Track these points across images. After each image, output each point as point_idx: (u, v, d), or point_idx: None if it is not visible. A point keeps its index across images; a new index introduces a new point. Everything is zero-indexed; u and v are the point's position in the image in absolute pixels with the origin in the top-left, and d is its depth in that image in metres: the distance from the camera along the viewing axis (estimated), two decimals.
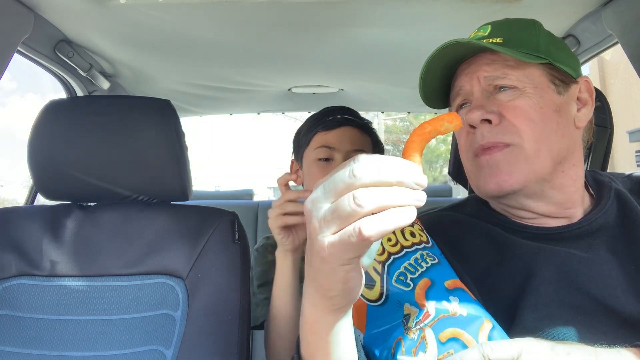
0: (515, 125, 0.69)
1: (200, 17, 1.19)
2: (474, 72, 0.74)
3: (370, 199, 0.38)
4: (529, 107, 0.70)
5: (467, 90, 0.75)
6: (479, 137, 0.71)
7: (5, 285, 0.99)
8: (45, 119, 1.04)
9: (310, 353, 0.55)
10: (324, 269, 0.43)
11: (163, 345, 0.96)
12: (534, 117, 0.70)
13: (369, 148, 1.23)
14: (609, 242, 0.70)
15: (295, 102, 2.06)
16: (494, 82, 0.72)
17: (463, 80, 0.75)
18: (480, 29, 0.77)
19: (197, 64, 1.57)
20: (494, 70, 0.72)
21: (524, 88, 0.71)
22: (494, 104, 0.71)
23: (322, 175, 1.17)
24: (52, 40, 1.30)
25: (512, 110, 0.70)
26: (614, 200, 0.76)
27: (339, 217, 0.40)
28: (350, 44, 1.39)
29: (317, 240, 0.42)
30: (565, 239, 0.71)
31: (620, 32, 1.11)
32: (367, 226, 0.38)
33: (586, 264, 0.67)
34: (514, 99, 0.71)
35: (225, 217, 1.06)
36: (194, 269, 1.00)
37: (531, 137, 0.69)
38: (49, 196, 1.08)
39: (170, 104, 1.07)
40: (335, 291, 0.46)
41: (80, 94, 1.58)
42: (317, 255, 0.42)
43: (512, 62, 0.71)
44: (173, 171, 1.04)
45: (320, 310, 0.49)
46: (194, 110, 2.16)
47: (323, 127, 1.20)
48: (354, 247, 0.40)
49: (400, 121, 20.89)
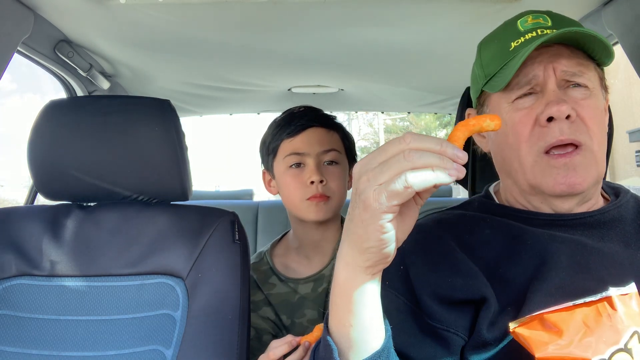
0: (589, 126, 0.69)
1: (200, 17, 1.19)
2: (549, 62, 0.70)
3: (417, 156, 0.46)
4: (596, 109, 0.70)
5: (539, 80, 0.71)
6: (557, 132, 0.69)
7: (5, 285, 0.99)
8: (45, 119, 1.04)
9: (338, 317, 0.55)
10: (365, 217, 0.48)
11: (163, 345, 0.96)
12: (600, 120, 0.71)
13: (338, 144, 1.20)
14: (622, 236, 0.71)
15: (295, 102, 2.05)
16: (570, 78, 0.70)
17: (537, 69, 0.71)
18: (539, 17, 0.74)
19: (197, 64, 1.57)
20: (572, 66, 0.70)
21: (593, 88, 0.71)
22: (569, 100, 0.70)
23: (296, 183, 1.15)
24: (52, 40, 1.30)
25: (586, 110, 0.69)
26: (630, 199, 0.77)
27: (389, 169, 0.46)
28: (350, 44, 1.39)
29: (364, 191, 0.47)
30: (577, 225, 0.72)
31: (620, 32, 1.11)
32: (412, 176, 0.45)
33: (597, 253, 0.68)
34: (586, 98, 0.70)
35: (225, 217, 1.06)
36: (194, 269, 1.00)
37: (598, 139, 0.70)
38: (48, 196, 1.08)
39: (170, 104, 1.07)
40: (371, 241, 0.49)
41: (80, 94, 1.58)
42: (362, 204, 0.48)
43: (584, 60, 0.70)
44: (173, 171, 1.04)
45: (352, 268, 0.52)
46: (194, 110, 2.16)
47: (288, 133, 1.17)
48: (397, 194, 0.46)
49: (400, 121, 20.90)
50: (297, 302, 1.17)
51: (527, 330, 0.56)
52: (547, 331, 0.55)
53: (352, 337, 0.54)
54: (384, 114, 17.50)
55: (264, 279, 1.20)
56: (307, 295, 1.17)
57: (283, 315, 1.17)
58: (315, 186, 1.12)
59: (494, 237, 0.73)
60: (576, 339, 0.53)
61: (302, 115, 1.19)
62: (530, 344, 0.55)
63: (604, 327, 0.54)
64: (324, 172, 1.14)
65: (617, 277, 0.64)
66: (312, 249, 1.22)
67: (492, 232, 0.73)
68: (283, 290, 1.19)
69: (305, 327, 1.13)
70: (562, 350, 0.53)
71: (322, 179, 1.12)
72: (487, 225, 0.75)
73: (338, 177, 1.16)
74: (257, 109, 2.27)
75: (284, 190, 1.19)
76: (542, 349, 0.54)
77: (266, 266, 1.22)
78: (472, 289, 0.67)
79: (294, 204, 1.17)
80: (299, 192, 1.14)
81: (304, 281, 1.19)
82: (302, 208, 1.15)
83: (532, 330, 0.56)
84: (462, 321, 0.67)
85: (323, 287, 1.17)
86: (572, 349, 0.53)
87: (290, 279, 1.20)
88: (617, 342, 0.53)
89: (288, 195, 1.18)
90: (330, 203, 1.14)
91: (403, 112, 3.02)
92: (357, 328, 0.54)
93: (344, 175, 1.19)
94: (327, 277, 1.17)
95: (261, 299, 1.18)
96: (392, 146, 0.47)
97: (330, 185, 1.14)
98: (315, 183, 1.12)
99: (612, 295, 0.55)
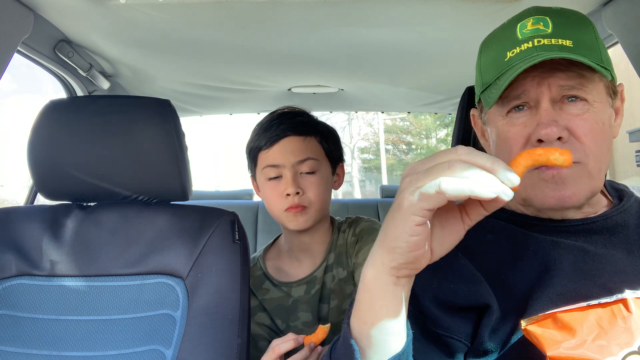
0: (584, 144, 0.67)
1: (200, 17, 1.19)
2: (544, 77, 0.67)
3: (462, 167, 0.45)
4: (595, 124, 0.68)
5: (531, 96, 0.69)
6: None
7: (5, 285, 0.99)
8: (45, 119, 1.04)
9: (360, 315, 0.55)
10: (397, 216, 0.48)
11: (163, 345, 0.96)
12: (598, 136, 0.68)
13: (315, 151, 1.17)
14: (625, 243, 0.70)
15: (295, 102, 2.05)
16: (568, 92, 0.68)
17: (528, 84, 0.68)
18: (539, 21, 0.70)
19: (197, 64, 1.57)
20: (570, 78, 0.67)
21: (593, 102, 0.68)
22: (563, 118, 0.67)
23: (275, 195, 1.15)
24: (52, 40, 1.30)
25: (582, 127, 0.67)
26: (634, 203, 0.75)
27: (429, 174, 0.46)
28: (350, 44, 1.39)
29: (402, 191, 0.48)
30: (580, 232, 0.71)
31: (620, 32, 1.11)
32: (446, 181, 0.44)
33: (600, 260, 0.67)
34: (583, 113, 0.67)
35: (225, 217, 1.06)
36: (194, 269, 1.00)
37: (596, 156, 0.68)
38: (48, 196, 1.08)
39: (170, 104, 1.07)
40: (398, 241, 0.49)
41: (80, 94, 1.58)
42: (397, 203, 0.48)
43: (585, 72, 0.67)
44: (173, 171, 1.04)
45: (379, 267, 0.52)
46: (194, 110, 2.16)
47: (264, 144, 1.16)
48: (428, 198, 0.45)
49: (400, 121, 20.91)
50: (291, 306, 1.17)
51: (539, 329, 0.56)
52: (560, 330, 0.55)
53: (372, 337, 0.54)
54: (384, 114, 17.50)
55: (257, 285, 1.21)
56: (301, 298, 1.17)
57: (278, 319, 1.17)
58: (292, 198, 1.13)
59: (497, 242, 0.72)
60: (589, 340, 0.53)
61: (278, 124, 1.17)
62: (542, 342, 0.54)
63: (618, 329, 0.53)
64: (301, 182, 1.14)
65: (620, 284, 0.63)
66: (303, 252, 1.22)
67: (495, 237, 0.73)
68: (277, 295, 1.19)
69: (300, 330, 1.13)
70: (574, 350, 0.53)
71: (298, 191, 1.12)
72: (490, 230, 0.74)
73: (317, 186, 1.15)
74: (257, 109, 2.26)
75: (265, 200, 1.20)
76: (554, 347, 0.53)
77: (259, 271, 1.23)
78: (475, 295, 0.66)
79: (274, 214, 1.18)
80: (277, 203, 1.15)
81: (296, 284, 1.19)
82: (282, 218, 1.16)
83: (545, 328, 0.55)
84: (464, 328, 0.66)
85: (316, 289, 1.17)
86: (584, 349, 0.52)
87: (283, 282, 1.20)
88: (631, 344, 0.52)
89: (269, 206, 1.19)
90: (308, 212, 1.14)
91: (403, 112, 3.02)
92: (377, 328, 0.54)
93: (323, 182, 1.17)
94: (318, 279, 1.18)
95: (256, 304, 1.19)
96: (442, 154, 0.47)
97: (308, 195, 1.14)
98: (292, 195, 1.12)
99: (628, 298, 0.55)
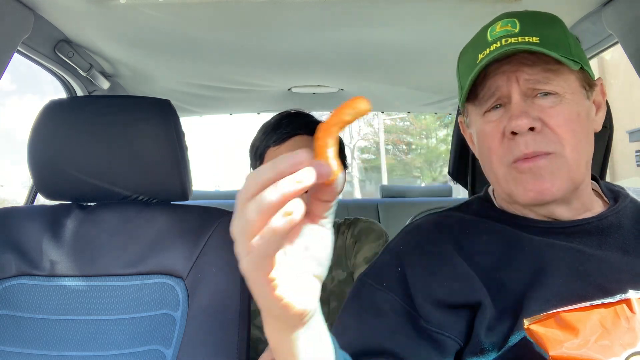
0: (558, 134, 0.68)
1: (200, 17, 1.19)
2: (512, 72, 0.69)
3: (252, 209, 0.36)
4: (569, 115, 0.68)
5: (503, 92, 0.70)
6: (522, 146, 0.68)
7: (5, 285, 0.99)
8: (45, 119, 1.04)
9: None
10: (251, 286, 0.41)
11: (163, 345, 0.96)
12: (574, 126, 0.68)
13: None
14: (621, 243, 0.70)
15: (295, 102, 2.06)
16: (534, 86, 0.69)
17: (499, 80, 0.70)
18: (508, 23, 0.72)
19: (197, 64, 1.57)
20: (535, 73, 0.68)
21: (564, 94, 0.69)
22: (534, 110, 0.68)
23: None
24: (52, 40, 1.30)
25: (555, 118, 0.68)
26: (629, 204, 0.75)
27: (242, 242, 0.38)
28: (350, 44, 1.39)
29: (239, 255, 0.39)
30: (575, 233, 0.71)
31: (620, 32, 1.11)
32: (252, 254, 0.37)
33: (596, 261, 0.67)
34: (555, 105, 0.68)
35: (225, 217, 1.06)
36: (194, 268, 1.00)
37: (572, 146, 0.68)
38: (48, 196, 1.08)
39: (170, 104, 1.07)
40: (275, 309, 0.41)
41: (80, 93, 1.58)
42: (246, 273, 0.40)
43: (552, 66, 0.68)
44: (173, 171, 1.04)
45: (276, 331, 0.46)
46: (194, 110, 2.16)
47: (273, 141, 1.16)
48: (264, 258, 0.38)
49: (400, 121, 20.91)
50: None
51: (541, 328, 0.55)
52: (563, 330, 0.54)
53: None
54: (384, 113, 17.49)
55: None
56: None
57: None
58: None
59: (492, 242, 0.72)
60: (592, 340, 0.53)
61: (289, 122, 1.17)
62: (545, 342, 0.54)
63: (621, 330, 0.53)
64: None
65: (616, 285, 0.63)
66: None
67: (489, 237, 0.73)
68: None
69: None
70: (577, 350, 0.52)
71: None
72: (485, 230, 0.74)
73: None
74: (257, 109, 2.27)
75: None
76: (557, 347, 0.53)
77: None
78: (468, 293, 0.66)
79: None
80: None
81: None
82: None
83: (547, 328, 0.55)
84: (457, 325, 0.66)
85: None
86: (587, 349, 0.52)
87: None
88: (634, 344, 0.52)
89: None
90: None
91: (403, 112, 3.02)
92: None
93: None
94: None
95: (256, 307, 1.18)
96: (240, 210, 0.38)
97: None
98: None
99: (632, 298, 0.54)
